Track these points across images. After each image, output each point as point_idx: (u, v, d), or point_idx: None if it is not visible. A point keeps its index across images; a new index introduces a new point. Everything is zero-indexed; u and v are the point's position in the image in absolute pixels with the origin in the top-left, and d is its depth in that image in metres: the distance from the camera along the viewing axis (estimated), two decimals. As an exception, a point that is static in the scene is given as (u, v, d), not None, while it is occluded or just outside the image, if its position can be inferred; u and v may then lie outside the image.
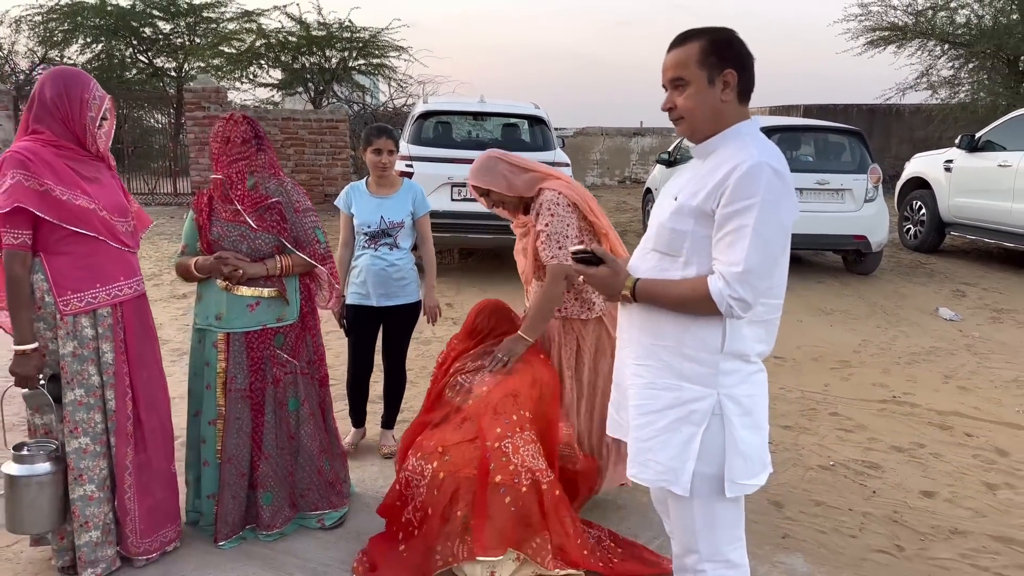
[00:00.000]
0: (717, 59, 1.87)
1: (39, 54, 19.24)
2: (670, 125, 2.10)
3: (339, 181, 12.37)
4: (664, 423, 1.96)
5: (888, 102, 17.58)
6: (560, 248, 2.87)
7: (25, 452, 2.63)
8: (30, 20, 17.78)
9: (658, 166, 11.16)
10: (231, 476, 3.00)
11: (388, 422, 4.01)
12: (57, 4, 17.22)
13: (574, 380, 3.11)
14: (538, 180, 2.98)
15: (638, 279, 1.98)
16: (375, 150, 3.68)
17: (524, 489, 2.68)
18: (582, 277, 2.06)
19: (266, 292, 2.97)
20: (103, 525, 2.75)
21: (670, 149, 10.93)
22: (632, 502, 3.45)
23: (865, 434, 4.32)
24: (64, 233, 2.58)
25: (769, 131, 7.96)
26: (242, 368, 2.98)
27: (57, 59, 19.03)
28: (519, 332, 3.02)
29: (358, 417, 4.03)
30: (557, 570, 2.65)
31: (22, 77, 19.10)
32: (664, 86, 1.97)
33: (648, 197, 11.47)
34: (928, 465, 3.94)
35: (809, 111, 18.04)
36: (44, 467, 2.62)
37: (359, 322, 3.81)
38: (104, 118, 2.69)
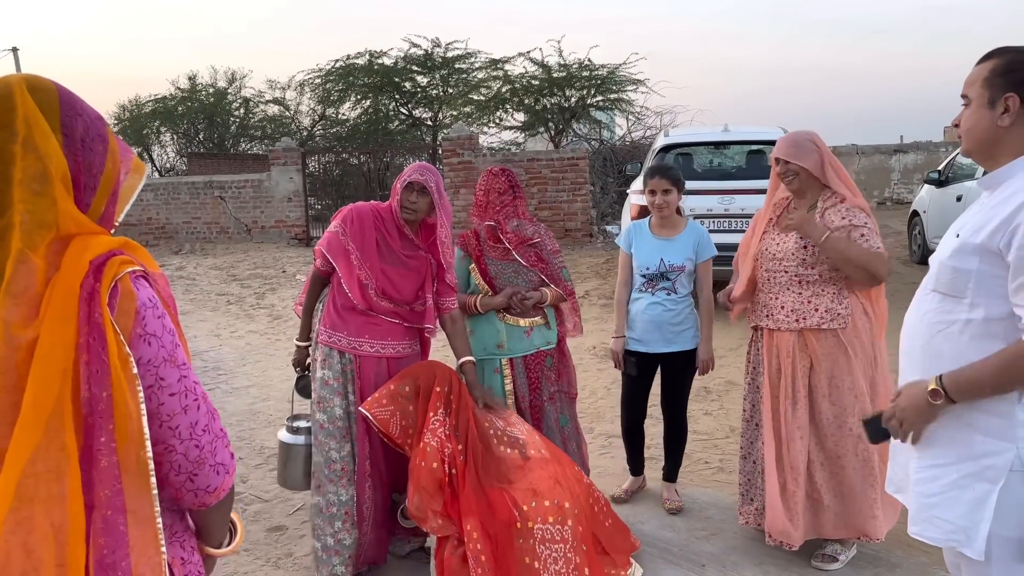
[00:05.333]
0: (1003, 81, 1.72)
1: (318, 112, 21.85)
2: (936, 139, 1.91)
3: (579, 216, 12.65)
4: (953, 478, 1.75)
5: None
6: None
7: (293, 424, 3.13)
8: (311, 83, 20.26)
9: (926, 186, 10.17)
10: None
11: (670, 474, 3.78)
12: (333, 67, 19.45)
13: (794, 403, 3.03)
14: (843, 187, 3.03)
15: (941, 375, 1.74)
16: (649, 191, 3.55)
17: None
18: (895, 420, 1.84)
19: (539, 320, 3.34)
20: (335, 541, 2.97)
21: (941, 167, 9.90)
22: (908, 561, 3.10)
23: None
24: (339, 280, 2.98)
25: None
26: (525, 387, 3.32)
27: (333, 116, 21.46)
28: (828, 235, 2.89)
29: (636, 464, 3.86)
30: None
31: (305, 134, 21.77)
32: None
33: (915, 220, 10.43)
34: None
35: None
36: (300, 439, 3.08)
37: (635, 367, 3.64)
38: (405, 206, 2.95)
